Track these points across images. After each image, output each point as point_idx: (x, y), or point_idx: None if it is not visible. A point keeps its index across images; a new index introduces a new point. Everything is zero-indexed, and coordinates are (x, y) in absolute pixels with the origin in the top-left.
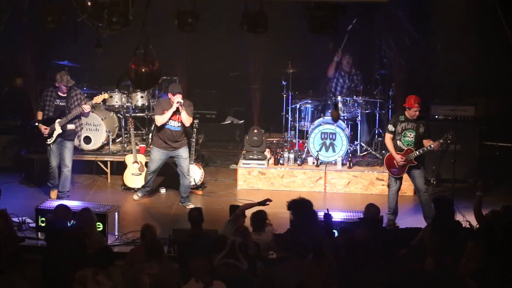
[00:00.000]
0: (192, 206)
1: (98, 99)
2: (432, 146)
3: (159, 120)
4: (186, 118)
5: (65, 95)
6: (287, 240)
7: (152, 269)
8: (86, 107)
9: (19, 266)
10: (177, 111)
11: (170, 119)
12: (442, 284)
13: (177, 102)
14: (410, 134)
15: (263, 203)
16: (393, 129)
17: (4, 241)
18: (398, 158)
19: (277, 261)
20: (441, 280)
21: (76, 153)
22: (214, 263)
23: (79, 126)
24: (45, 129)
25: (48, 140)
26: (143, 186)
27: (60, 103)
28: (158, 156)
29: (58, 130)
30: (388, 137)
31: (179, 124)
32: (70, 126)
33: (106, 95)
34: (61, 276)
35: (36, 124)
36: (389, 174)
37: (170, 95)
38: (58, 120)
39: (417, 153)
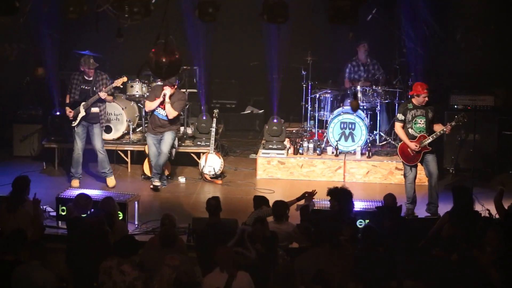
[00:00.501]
0: (157, 183)
1: (118, 82)
2: (445, 129)
3: (147, 105)
4: (169, 111)
5: (91, 79)
6: (307, 230)
7: (173, 261)
8: (102, 94)
9: (39, 255)
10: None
11: (159, 107)
12: (464, 274)
13: (163, 94)
14: (421, 121)
15: (302, 197)
16: (403, 117)
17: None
18: (413, 145)
19: (298, 251)
20: (463, 270)
21: None
22: None
23: (103, 110)
24: (70, 112)
25: (73, 122)
26: (155, 176)
27: (86, 87)
28: (151, 141)
29: (82, 113)
30: (398, 126)
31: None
32: (94, 110)
33: (125, 78)
34: (85, 266)
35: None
36: (403, 163)
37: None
38: (83, 103)
39: (431, 138)
